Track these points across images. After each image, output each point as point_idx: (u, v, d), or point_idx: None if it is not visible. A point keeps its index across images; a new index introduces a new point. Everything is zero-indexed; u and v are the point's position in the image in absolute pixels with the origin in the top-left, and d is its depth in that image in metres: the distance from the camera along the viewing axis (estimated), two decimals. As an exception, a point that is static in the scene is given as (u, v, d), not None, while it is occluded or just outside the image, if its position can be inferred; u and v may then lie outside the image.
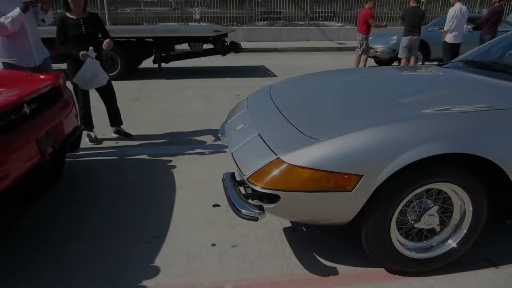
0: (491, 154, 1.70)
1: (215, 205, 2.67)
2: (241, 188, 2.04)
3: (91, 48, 3.46)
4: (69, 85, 3.20)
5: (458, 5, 6.79)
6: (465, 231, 1.90)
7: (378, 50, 8.59)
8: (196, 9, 14.62)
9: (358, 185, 1.68)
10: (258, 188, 1.76)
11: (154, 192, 2.86)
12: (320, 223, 1.93)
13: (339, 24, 16.56)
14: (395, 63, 8.65)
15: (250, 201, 1.86)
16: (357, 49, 8.16)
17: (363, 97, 2.29)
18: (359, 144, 1.68)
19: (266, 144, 1.93)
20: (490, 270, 2.01)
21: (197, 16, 14.34)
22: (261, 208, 1.78)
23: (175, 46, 7.84)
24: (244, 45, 10.76)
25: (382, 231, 1.81)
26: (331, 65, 9.45)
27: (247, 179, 1.82)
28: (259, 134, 2.07)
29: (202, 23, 14.62)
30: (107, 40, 3.58)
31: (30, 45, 3.22)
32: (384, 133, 1.71)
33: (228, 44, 8.10)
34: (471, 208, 1.85)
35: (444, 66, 2.91)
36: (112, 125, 4.03)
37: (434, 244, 1.94)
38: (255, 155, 1.92)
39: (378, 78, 2.78)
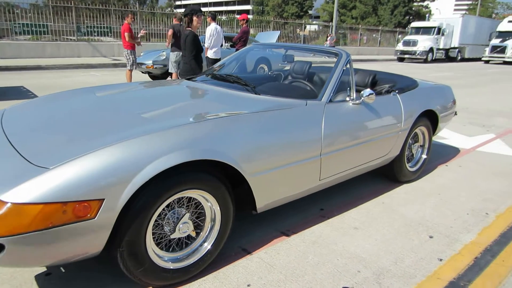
0: (226, 157, 1.90)
1: None
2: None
3: None
4: None
5: (213, 25, 7.60)
6: (217, 231, 2.06)
7: (150, 65, 8.74)
8: None
9: (100, 210, 1.57)
10: (-31, 242, 1.41)
11: None
12: (72, 260, 1.72)
13: (114, 39, 16.08)
14: (169, 78, 8.99)
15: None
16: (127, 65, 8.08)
17: (106, 115, 2.19)
18: (95, 167, 1.58)
19: (-18, 183, 1.58)
20: (246, 258, 2.25)
21: None
22: (-20, 264, 1.44)
23: None
24: (-7, 62, 8.98)
25: (138, 251, 1.76)
26: (103, 81, 9.01)
27: (-46, 232, 1.44)
28: (-24, 172, 1.68)
29: None
30: None
31: None
32: (122, 151, 1.66)
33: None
34: (219, 209, 2.02)
35: (193, 79, 3.15)
36: None
37: (193, 250, 2.03)
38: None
39: (127, 94, 2.75)
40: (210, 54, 7.64)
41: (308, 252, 2.33)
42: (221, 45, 8.06)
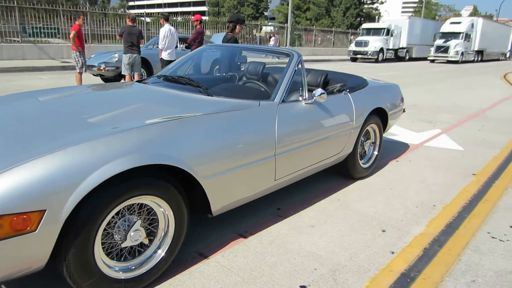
0: (177, 161, 1.85)
1: None
2: None
3: None
4: None
5: (167, 26, 7.47)
6: (172, 237, 2.00)
7: (101, 68, 8.41)
8: None
9: (42, 222, 1.48)
10: None
11: None
12: (13, 276, 1.60)
13: (63, 41, 15.35)
14: (123, 80, 8.71)
15: None
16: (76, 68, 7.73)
17: (49, 120, 2.06)
18: (34, 176, 1.47)
19: None
20: (202, 262, 2.21)
21: None
22: None
23: None
24: None
25: (86, 263, 1.66)
26: (51, 85, 8.56)
27: None
28: None
29: None
30: None
31: None
32: (64, 158, 1.56)
33: None
34: (172, 214, 1.96)
35: (143, 82, 3.06)
36: None
37: (146, 258, 1.95)
38: None
39: (72, 98, 2.61)
40: (164, 55, 7.51)
41: (265, 252, 2.33)
42: (176, 47, 7.94)
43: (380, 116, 3.69)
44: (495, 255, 2.39)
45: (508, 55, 38.20)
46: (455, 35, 26.79)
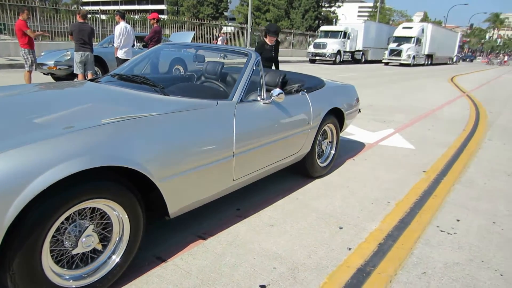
0: (131, 162, 1.78)
1: None
2: None
3: None
4: None
5: (122, 24, 7.23)
6: (127, 241, 1.93)
7: (52, 66, 8.00)
8: None
9: (-21, 231, 1.37)
10: None
11: None
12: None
13: (10, 37, 14.47)
14: (76, 79, 8.34)
15: None
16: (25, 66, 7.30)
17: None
18: (-29, 181, 1.36)
19: None
20: (160, 266, 2.15)
21: None
22: None
23: None
24: None
25: (33, 273, 1.56)
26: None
27: None
28: None
29: None
30: None
31: None
32: (6, 161, 1.46)
33: None
34: (127, 217, 1.89)
35: (96, 80, 2.93)
36: None
37: (99, 264, 1.87)
38: None
39: (18, 97, 2.45)
40: (120, 54, 7.28)
41: (225, 254, 2.30)
42: (133, 45, 7.72)
43: (337, 116, 3.78)
44: (443, 247, 2.52)
45: (455, 59, 40.72)
46: (407, 39, 28.15)
